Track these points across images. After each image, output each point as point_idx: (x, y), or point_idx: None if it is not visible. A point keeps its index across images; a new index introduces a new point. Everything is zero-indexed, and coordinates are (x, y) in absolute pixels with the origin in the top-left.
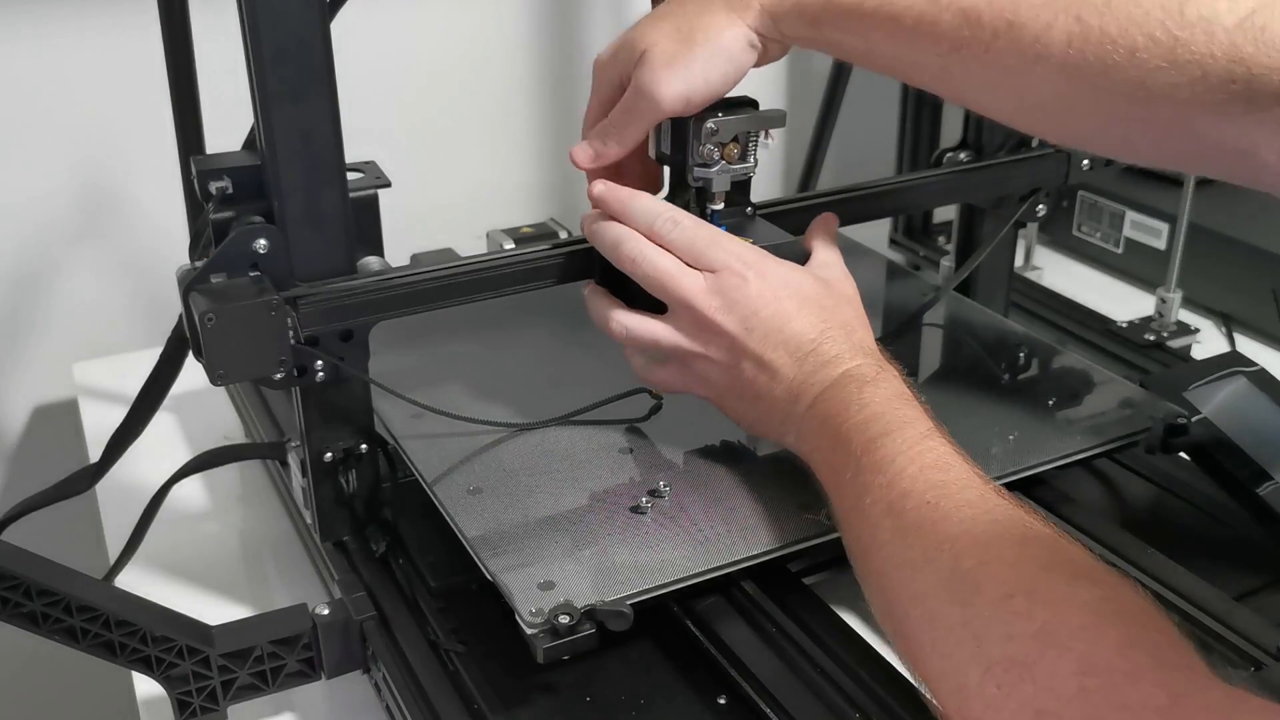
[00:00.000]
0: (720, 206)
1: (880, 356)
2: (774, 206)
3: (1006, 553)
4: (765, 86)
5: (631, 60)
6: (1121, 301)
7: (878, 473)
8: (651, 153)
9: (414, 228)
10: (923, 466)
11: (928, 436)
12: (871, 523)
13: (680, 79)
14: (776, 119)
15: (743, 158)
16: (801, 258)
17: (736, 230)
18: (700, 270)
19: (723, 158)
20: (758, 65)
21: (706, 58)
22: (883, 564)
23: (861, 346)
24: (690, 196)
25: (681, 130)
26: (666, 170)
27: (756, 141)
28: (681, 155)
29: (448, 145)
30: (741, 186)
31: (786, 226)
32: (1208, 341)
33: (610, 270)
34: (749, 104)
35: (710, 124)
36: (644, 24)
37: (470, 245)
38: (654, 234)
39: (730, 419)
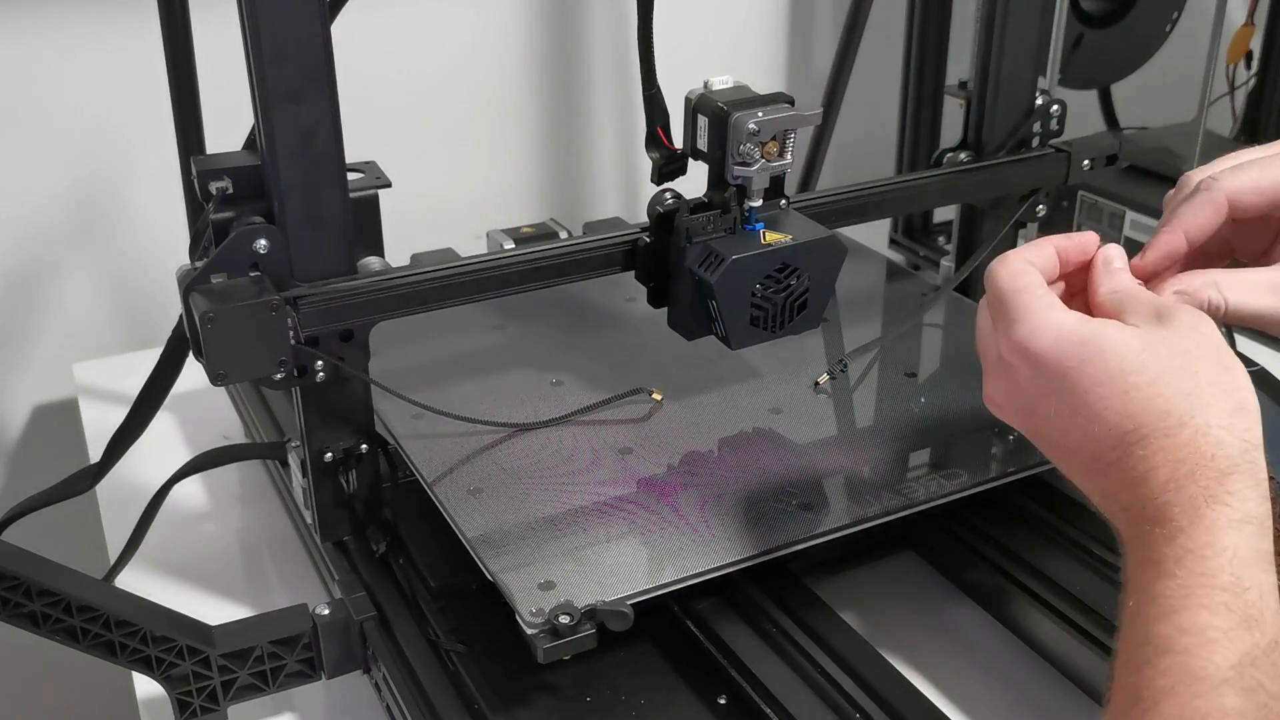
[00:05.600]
0: (759, 203)
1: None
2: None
3: None
4: (765, 87)
5: None
6: None
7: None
8: (687, 149)
9: (414, 228)
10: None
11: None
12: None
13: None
14: (814, 117)
15: (781, 154)
16: (838, 251)
17: (772, 224)
18: None
19: (763, 156)
20: None
21: None
22: None
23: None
24: (730, 194)
25: (721, 129)
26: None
27: (794, 138)
28: (721, 153)
29: (448, 145)
30: (776, 180)
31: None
32: None
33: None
34: (785, 100)
35: (752, 124)
36: None
37: (470, 245)
38: None
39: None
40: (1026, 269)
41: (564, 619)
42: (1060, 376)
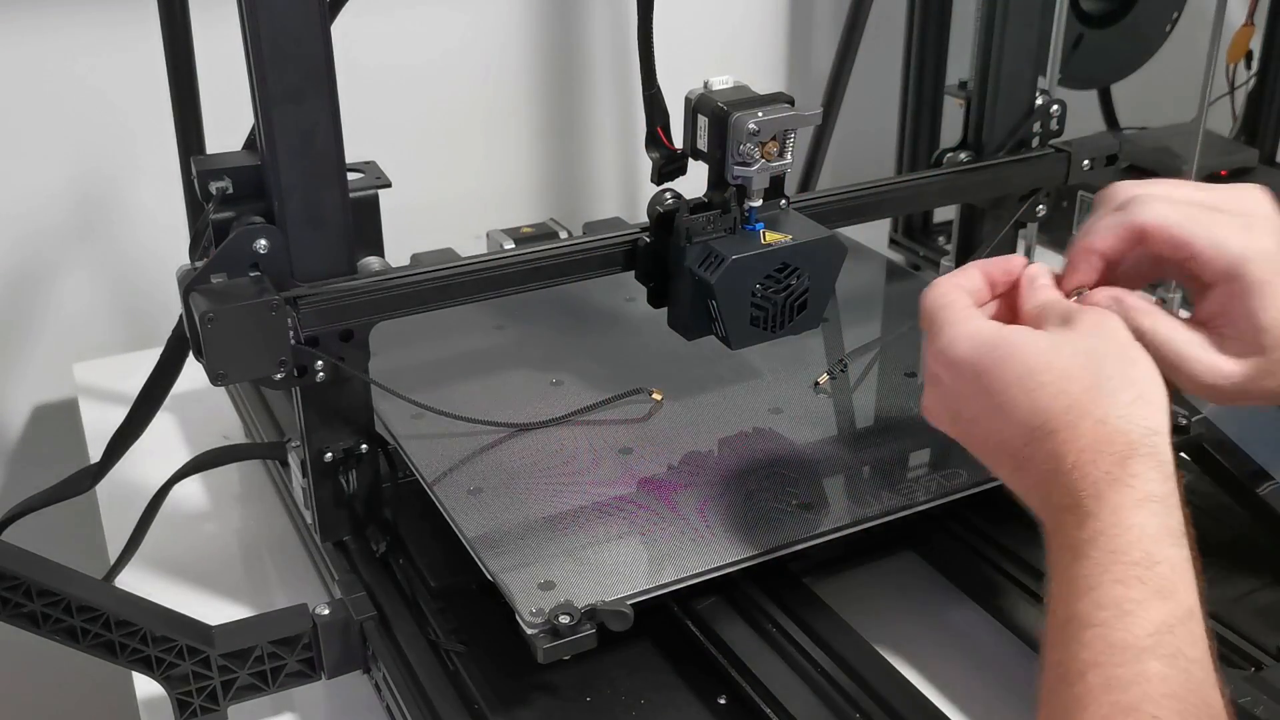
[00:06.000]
0: (759, 203)
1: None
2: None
3: None
4: (765, 87)
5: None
6: None
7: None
8: (687, 149)
9: (414, 228)
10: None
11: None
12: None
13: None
14: (814, 117)
15: (781, 154)
16: (838, 251)
17: (772, 224)
18: None
19: (762, 156)
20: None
21: None
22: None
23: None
24: (730, 194)
25: (721, 129)
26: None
27: (794, 138)
28: (721, 153)
29: (448, 145)
30: (776, 180)
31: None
32: None
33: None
34: (785, 101)
35: (752, 124)
36: None
37: (470, 245)
38: None
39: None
40: (951, 289)
41: (564, 619)
42: (975, 380)
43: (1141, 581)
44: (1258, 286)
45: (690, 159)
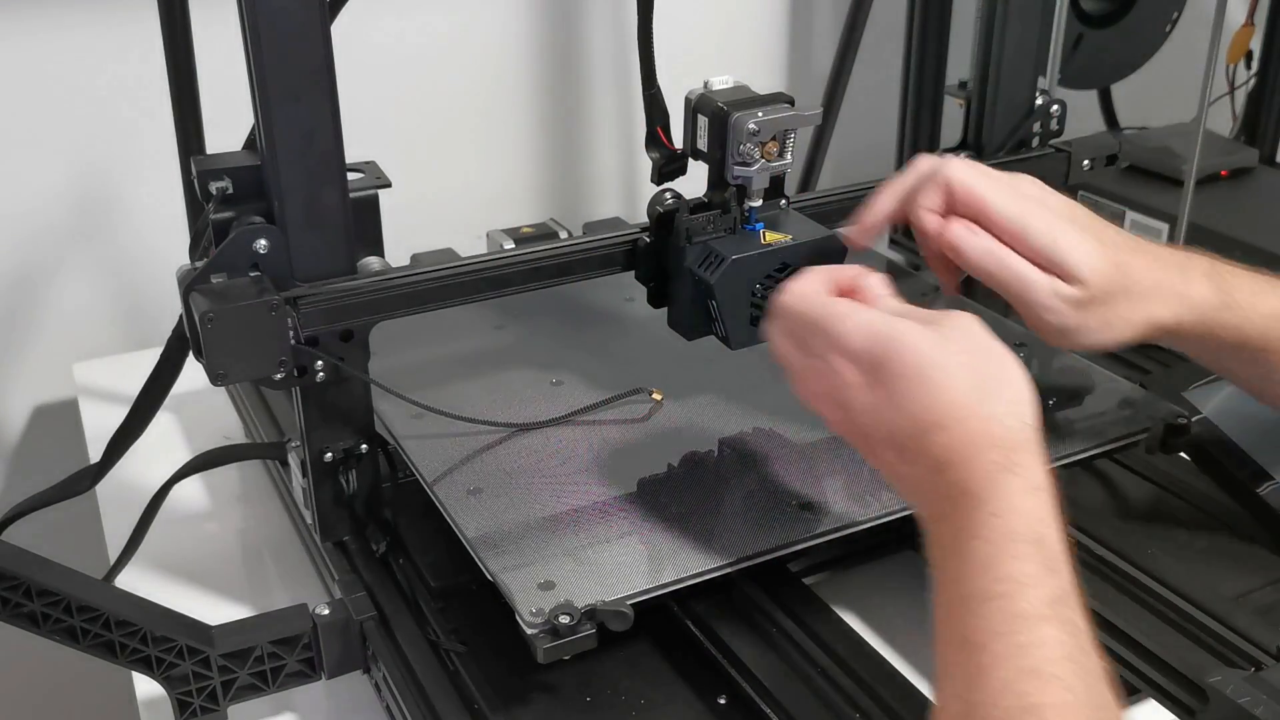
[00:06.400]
0: (758, 203)
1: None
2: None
3: None
4: (765, 87)
5: None
6: None
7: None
8: (687, 149)
9: (414, 228)
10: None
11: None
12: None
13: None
14: (814, 117)
15: (781, 154)
16: (838, 251)
17: (772, 224)
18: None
19: (762, 156)
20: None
21: None
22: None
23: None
24: (729, 194)
25: (721, 129)
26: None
27: (794, 138)
28: (721, 153)
29: (448, 145)
30: (776, 180)
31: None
32: None
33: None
34: (785, 101)
35: (752, 124)
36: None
37: (470, 245)
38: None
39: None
40: (818, 289)
41: (564, 619)
42: (872, 371)
43: (1034, 559)
44: (1046, 237)
45: (690, 159)
